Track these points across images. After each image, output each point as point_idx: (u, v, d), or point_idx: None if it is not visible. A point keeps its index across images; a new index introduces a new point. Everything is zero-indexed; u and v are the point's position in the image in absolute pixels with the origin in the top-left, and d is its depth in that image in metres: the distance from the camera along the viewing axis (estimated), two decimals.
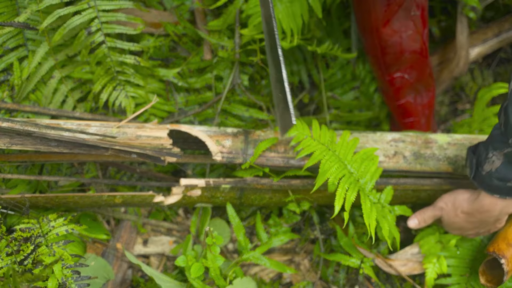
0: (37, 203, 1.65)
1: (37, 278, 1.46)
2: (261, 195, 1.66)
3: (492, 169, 1.37)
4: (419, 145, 1.59)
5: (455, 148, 1.59)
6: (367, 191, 1.48)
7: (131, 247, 1.88)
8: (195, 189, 1.64)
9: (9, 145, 1.55)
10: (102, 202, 1.65)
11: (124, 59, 1.66)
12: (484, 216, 1.51)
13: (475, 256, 1.72)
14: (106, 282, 1.76)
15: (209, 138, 1.56)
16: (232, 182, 1.58)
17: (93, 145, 1.54)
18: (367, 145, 1.59)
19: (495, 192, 1.42)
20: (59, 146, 1.56)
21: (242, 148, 1.57)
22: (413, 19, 1.70)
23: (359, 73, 1.97)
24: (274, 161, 1.57)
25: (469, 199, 1.51)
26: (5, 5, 1.65)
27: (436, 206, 1.59)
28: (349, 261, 1.69)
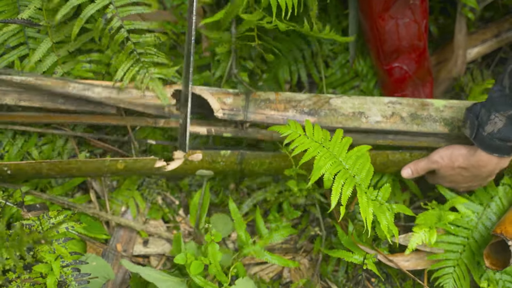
0: (41, 170, 1.74)
1: (44, 238, 1.50)
2: (261, 159, 1.76)
3: (494, 130, 1.51)
4: (416, 107, 1.70)
5: (451, 111, 1.69)
6: (364, 188, 1.57)
7: (131, 247, 1.94)
8: (196, 153, 1.73)
9: (17, 101, 1.69)
10: (104, 168, 1.74)
11: (145, 38, 1.70)
12: (479, 171, 1.64)
13: (471, 234, 1.79)
14: (106, 282, 1.81)
15: (211, 95, 1.68)
16: (232, 131, 1.70)
17: (99, 101, 1.65)
18: (365, 106, 1.69)
19: (495, 152, 1.56)
20: (65, 104, 1.69)
21: (243, 105, 1.68)
22: (411, 8, 1.83)
23: (361, 70, 2.08)
24: (274, 118, 1.67)
25: (466, 155, 1.63)
26: (5, 3, 1.72)
27: (431, 159, 1.70)
28: (352, 258, 1.75)
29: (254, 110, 1.68)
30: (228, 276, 1.71)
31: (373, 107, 1.70)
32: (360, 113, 1.69)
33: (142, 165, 1.74)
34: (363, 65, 2.10)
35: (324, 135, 1.60)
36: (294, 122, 1.62)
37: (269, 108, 1.69)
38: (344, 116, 1.69)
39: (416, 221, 1.75)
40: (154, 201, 2.02)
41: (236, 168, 1.78)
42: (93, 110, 1.67)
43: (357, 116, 1.69)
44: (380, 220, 1.54)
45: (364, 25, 1.94)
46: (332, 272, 1.94)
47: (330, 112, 1.69)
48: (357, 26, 2.03)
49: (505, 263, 1.62)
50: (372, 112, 1.69)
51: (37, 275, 1.62)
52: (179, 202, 2.05)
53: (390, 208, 1.63)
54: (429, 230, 1.72)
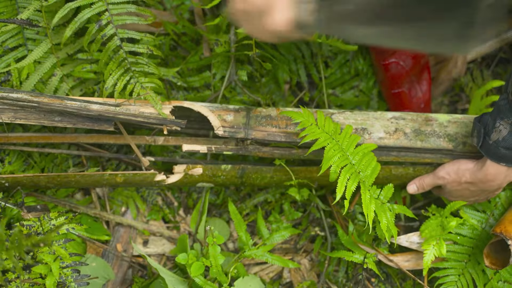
0: (39, 183, 1.74)
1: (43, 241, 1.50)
2: (262, 174, 1.75)
3: (499, 138, 1.50)
4: (420, 122, 1.69)
5: (455, 126, 1.68)
6: (367, 185, 1.58)
7: (131, 247, 1.96)
8: (196, 168, 1.72)
9: (13, 119, 1.66)
10: (103, 181, 1.74)
11: (137, 49, 1.69)
12: (486, 185, 1.63)
13: (476, 243, 1.81)
14: (106, 282, 1.83)
15: (211, 112, 1.66)
16: (234, 149, 1.70)
17: (97, 117, 1.63)
18: (368, 122, 1.68)
19: (502, 161, 1.54)
20: (62, 121, 1.66)
21: (243, 123, 1.67)
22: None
23: (361, 68, 2.07)
24: (275, 136, 1.66)
25: (472, 169, 1.63)
26: (4, 5, 1.71)
27: (437, 175, 1.70)
28: (352, 257, 1.78)
29: (255, 127, 1.67)
30: (228, 276, 1.73)
31: (376, 123, 1.69)
32: (363, 129, 1.69)
33: (141, 178, 1.74)
34: (363, 63, 2.10)
35: (335, 128, 1.62)
36: (306, 110, 1.63)
37: (270, 125, 1.68)
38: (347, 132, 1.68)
39: (422, 235, 1.77)
40: (154, 202, 2.04)
41: (237, 182, 1.79)
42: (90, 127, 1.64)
43: (360, 133, 1.68)
44: (380, 219, 1.56)
45: None
46: (333, 272, 1.97)
47: None
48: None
49: (504, 263, 1.65)
50: (375, 128, 1.69)
51: (36, 275, 1.64)
52: (178, 203, 2.06)
53: (391, 208, 1.65)
54: (437, 243, 1.74)
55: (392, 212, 1.63)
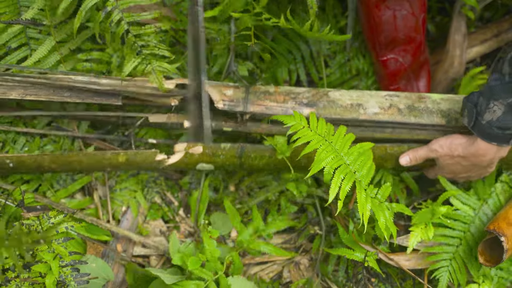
0: (42, 163, 1.84)
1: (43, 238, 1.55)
2: (260, 153, 1.85)
3: (493, 118, 1.59)
4: (413, 99, 1.79)
5: (448, 103, 1.78)
6: (364, 185, 1.62)
7: (131, 248, 2.02)
8: (197, 146, 1.81)
9: (23, 95, 1.79)
10: (105, 161, 1.84)
11: (145, 30, 1.74)
12: (478, 160, 1.72)
13: (468, 228, 1.88)
14: (106, 283, 1.88)
15: (212, 87, 1.76)
16: (233, 125, 1.78)
17: (104, 91, 1.73)
18: (363, 98, 1.77)
19: (493, 140, 1.64)
20: (71, 96, 1.78)
21: (243, 97, 1.78)
22: (409, 1, 1.90)
23: (361, 67, 2.16)
24: (273, 110, 1.75)
25: (465, 144, 1.72)
26: (6, 5, 1.77)
27: (430, 148, 1.79)
28: (353, 255, 1.81)
29: (253, 102, 1.78)
30: (223, 265, 1.79)
31: (371, 99, 1.79)
32: (358, 104, 1.78)
33: (143, 158, 1.82)
34: (363, 62, 2.19)
35: (328, 129, 1.66)
36: (298, 114, 1.66)
37: (268, 99, 1.78)
38: (343, 107, 1.77)
39: (412, 221, 1.82)
40: (153, 201, 2.11)
41: (236, 162, 1.87)
42: (99, 101, 1.73)
43: (355, 108, 1.77)
44: (378, 218, 1.59)
45: (362, 16, 2.03)
46: (332, 272, 2.01)
47: (328, 103, 1.78)
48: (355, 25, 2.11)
49: (498, 259, 1.70)
50: (370, 104, 1.78)
51: (36, 274, 1.68)
52: (178, 202, 2.14)
53: (390, 207, 1.71)
54: (425, 227, 1.79)
55: (390, 211, 1.69)
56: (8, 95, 1.76)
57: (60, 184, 2.02)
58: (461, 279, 1.83)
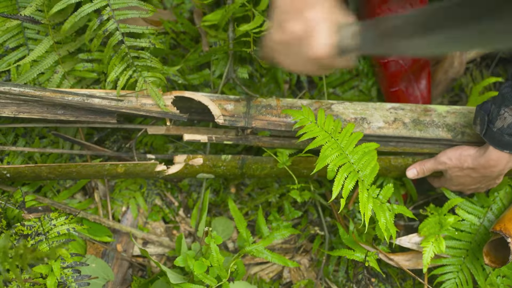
0: (40, 174, 1.82)
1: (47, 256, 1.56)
2: (262, 164, 1.83)
3: (504, 125, 1.57)
4: (418, 112, 1.77)
5: (454, 116, 1.76)
6: (366, 185, 1.65)
7: (131, 248, 2.03)
8: (197, 158, 1.78)
9: (16, 113, 1.76)
10: (104, 172, 1.82)
11: (140, 43, 1.73)
12: (488, 171, 1.71)
13: (474, 238, 1.89)
14: (106, 283, 1.89)
15: (212, 102, 1.74)
16: (234, 138, 1.77)
17: (99, 109, 1.71)
18: (367, 112, 1.75)
19: (505, 148, 1.62)
20: (65, 114, 1.75)
21: (244, 112, 1.75)
22: (410, 1, 1.91)
23: (361, 68, 2.14)
24: (275, 124, 1.73)
25: (475, 155, 1.71)
26: (5, 5, 1.77)
27: (438, 160, 1.78)
28: (354, 255, 1.84)
29: (255, 116, 1.75)
30: (228, 272, 1.78)
31: (375, 113, 1.77)
32: (362, 119, 1.76)
33: (142, 169, 1.80)
34: (363, 63, 2.18)
35: (335, 126, 1.66)
36: (307, 108, 1.69)
37: (270, 114, 1.75)
38: (346, 121, 1.74)
39: (420, 233, 1.83)
40: (154, 203, 2.12)
41: (237, 173, 1.86)
42: (93, 119, 1.70)
43: (359, 122, 1.76)
44: (379, 218, 1.60)
45: (363, 18, 1.98)
46: (333, 272, 2.03)
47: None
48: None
49: (504, 260, 1.71)
50: (374, 118, 1.76)
51: (37, 275, 1.69)
52: (178, 203, 2.14)
53: (391, 208, 1.72)
54: (436, 240, 1.79)
55: (391, 212, 1.70)
56: (0, 112, 1.72)
57: (60, 184, 2.04)
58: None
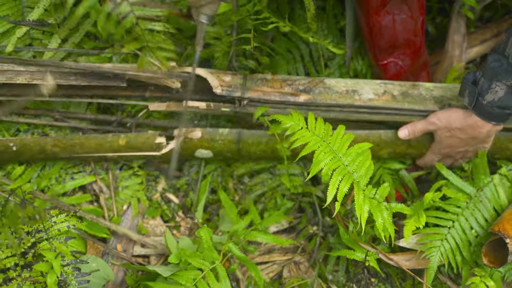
0: (45, 146, 2.01)
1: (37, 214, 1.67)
2: (258, 138, 1.99)
3: (495, 98, 1.72)
4: (407, 86, 1.95)
5: (440, 90, 1.95)
6: (362, 186, 1.69)
7: (131, 248, 2.12)
8: (196, 131, 1.95)
9: (30, 80, 1.92)
10: (106, 144, 2.00)
11: (154, 26, 1.79)
12: (476, 132, 1.85)
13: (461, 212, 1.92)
14: (106, 283, 1.97)
15: (210, 74, 1.90)
16: (231, 106, 1.96)
17: (109, 73, 1.90)
18: (358, 85, 1.89)
19: (493, 120, 1.79)
20: (77, 79, 1.91)
21: (240, 83, 1.95)
22: (408, 4, 1.98)
23: (360, 69, 2.26)
24: (270, 95, 1.88)
25: (462, 115, 1.85)
26: (9, 6, 1.86)
27: (428, 121, 1.93)
28: (354, 255, 1.87)
29: (251, 88, 1.93)
30: (220, 254, 1.85)
31: (366, 86, 1.92)
32: (353, 91, 1.90)
33: (143, 140, 1.96)
34: (362, 64, 2.31)
35: (326, 129, 1.74)
36: (296, 113, 1.75)
37: (265, 85, 1.91)
38: (338, 93, 1.89)
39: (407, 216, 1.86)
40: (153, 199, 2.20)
41: (234, 148, 2.02)
42: (104, 83, 1.88)
43: (350, 94, 1.90)
44: (376, 218, 1.66)
45: (361, 21, 2.16)
46: (332, 272, 2.10)
47: (324, 90, 1.90)
48: (355, 25, 2.21)
49: (503, 261, 1.76)
50: (365, 91, 1.91)
51: (37, 273, 1.76)
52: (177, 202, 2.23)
53: (389, 207, 1.76)
54: (418, 217, 1.87)
55: (389, 211, 1.73)
56: (15, 80, 1.93)
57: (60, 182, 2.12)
58: (452, 260, 1.86)
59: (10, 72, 1.90)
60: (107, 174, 2.15)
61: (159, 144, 1.97)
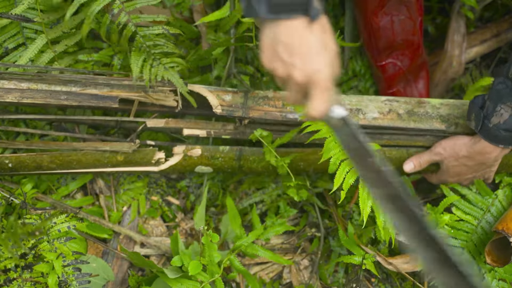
0: (41, 163, 1.90)
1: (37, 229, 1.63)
2: (259, 156, 1.92)
3: (501, 121, 1.66)
4: (413, 104, 1.85)
5: (447, 108, 1.84)
6: None
7: (131, 248, 2.09)
8: (195, 149, 1.90)
9: (20, 98, 1.83)
10: (104, 160, 1.91)
11: (152, 31, 1.78)
12: (484, 158, 1.78)
13: (470, 238, 1.93)
14: (106, 283, 1.94)
15: (210, 93, 1.83)
16: (232, 132, 1.89)
17: (101, 95, 1.78)
18: (362, 103, 1.84)
19: (500, 143, 1.71)
20: (68, 99, 1.84)
21: (241, 102, 1.84)
22: (406, 5, 1.96)
23: (358, 69, 2.22)
24: (272, 114, 1.82)
25: (469, 143, 1.79)
26: (3, 5, 1.84)
27: (433, 151, 1.85)
28: (351, 259, 1.89)
29: (252, 107, 1.84)
30: (221, 267, 1.84)
31: (370, 104, 1.85)
32: (358, 109, 1.84)
33: (141, 156, 1.89)
34: (361, 65, 2.26)
35: None
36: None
37: (267, 104, 1.84)
38: None
39: None
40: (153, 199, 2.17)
41: (235, 165, 1.93)
42: (96, 104, 1.79)
43: (354, 113, 1.84)
44: (377, 216, 1.65)
45: (359, 22, 2.10)
46: (332, 273, 2.08)
47: None
48: (354, 27, 2.17)
49: (506, 260, 1.75)
50: (369, 109, 1.84)
51: (38, 274, 1.74)
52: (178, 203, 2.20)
53: None
54: None
55: None
56: (4, 98, 1.80)
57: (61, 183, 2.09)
58: None
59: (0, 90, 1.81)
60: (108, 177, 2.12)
61: (158, 160, 1.89)
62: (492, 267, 1.84)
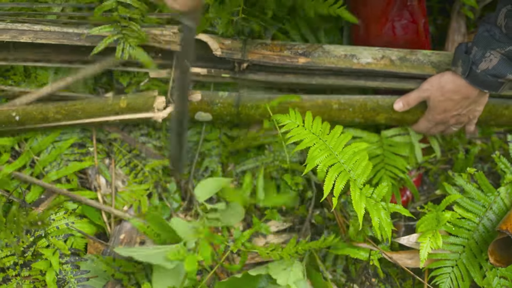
0: (47, 114, 2.01)
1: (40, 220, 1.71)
2: (257, 101, 2.00)
3: (489, 67, 1.74)
4: (405, 52, 1.96)
5: (438, 56, 1.96)
6: (359, 185, 1.70)
7: (132, 246, 2.06)
8: (196, 93, 2.00)
9: (34, 39, 1.98)
10: (108, 107, 2.01)
11: (132, 14, 1.85)
12: (469, 91, 1.83)
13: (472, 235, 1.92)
14: (106, 283, 1.93)
15: (211, 38, 1.96)
16: (231, 72, 2.00)
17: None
18: (356, 51, 1.96)
19: (486, 88, 1.80)
20: (81, 40, 1.96)
21: (240, 46, 1.97)
22: (409, 9, 2.00)
23: None
24: (270, 58, 1.94)
25: (455, 76, 1.85)
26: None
27: (421, 88, 1.93)
28: (358, 254, 1.88)
29: (251, 51, 1.96)
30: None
31: (364, 51, 1.96)
32: (352, 55, 1.94)
33: (144, 101, 1.99)
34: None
35: (323, 128, 1.75)
36: (294, 112, 1.75)
37: (265, 49, 1.96)
38: (336, 57, 1.94)
39: (418, 230, 1.87)
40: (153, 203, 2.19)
41: (233, 111, 2.02)
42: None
43: (348, 58, 1.94)
44: (372, 217, 1.66)
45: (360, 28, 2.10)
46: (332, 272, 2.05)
47: (323, 53, 1.95)
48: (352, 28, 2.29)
49: (509, 260, 1.75)
50: (363, 55, 1.95)
51: (36, 272, 1.78)
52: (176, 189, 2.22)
53: (386, 207, 1.77)
54: (433, 236, 1.82)
55: (387, 211, 1.73)
56: (19, 38, 1.95)
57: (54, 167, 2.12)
58: (463, 286, 1.84)
59: (14, 31, 1.95)
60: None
61: (160, 104, 1.97)
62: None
